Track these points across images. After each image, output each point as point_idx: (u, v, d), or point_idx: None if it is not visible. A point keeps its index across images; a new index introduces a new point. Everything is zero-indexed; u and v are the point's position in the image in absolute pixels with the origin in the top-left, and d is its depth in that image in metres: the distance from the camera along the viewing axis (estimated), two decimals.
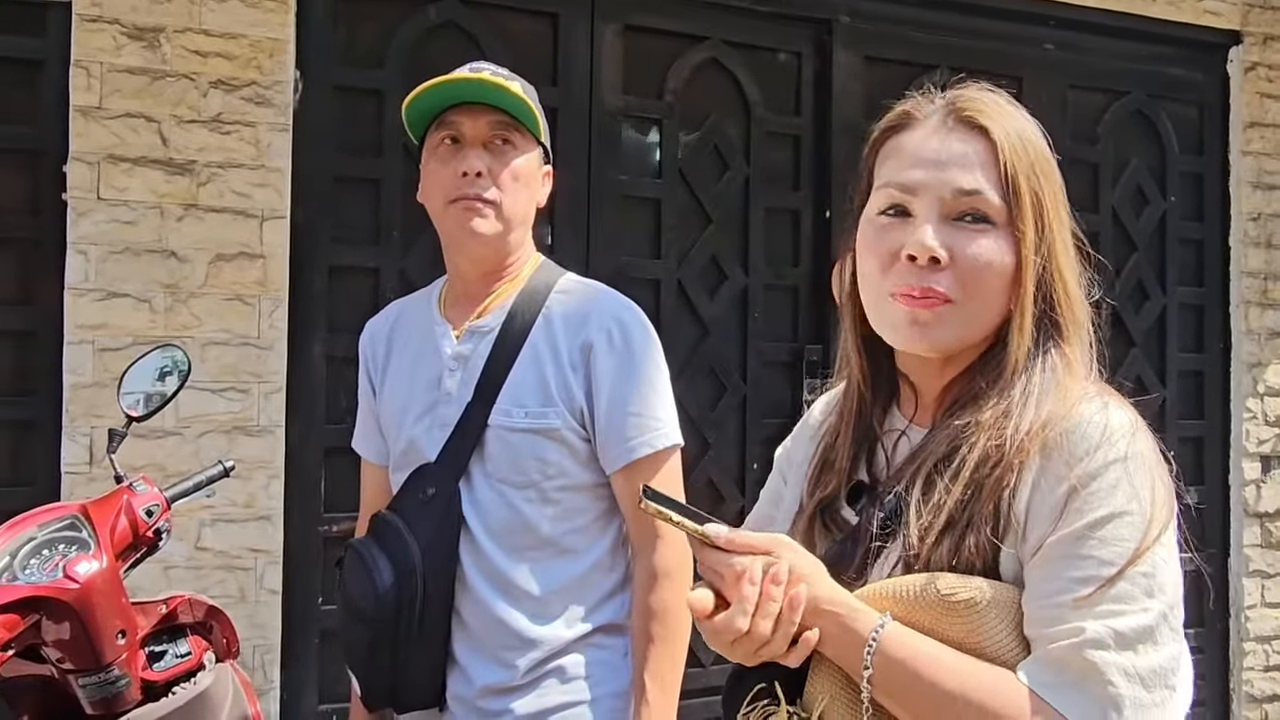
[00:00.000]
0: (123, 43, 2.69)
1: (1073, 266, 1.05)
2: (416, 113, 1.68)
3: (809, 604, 0.96)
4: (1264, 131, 3.99)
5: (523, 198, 1.67)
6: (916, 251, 1.02)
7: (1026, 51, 3.75)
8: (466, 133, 1.64)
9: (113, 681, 1.43)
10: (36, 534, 1.45)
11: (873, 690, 0.95)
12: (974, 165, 1.03)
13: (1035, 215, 1.02)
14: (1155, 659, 0.92)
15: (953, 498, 0.99)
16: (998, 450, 0.98)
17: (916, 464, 1.04)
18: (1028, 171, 1.03)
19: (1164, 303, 3.93)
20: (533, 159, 1.68)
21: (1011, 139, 1.03)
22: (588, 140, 3.21)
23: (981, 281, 1.01)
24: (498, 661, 1.62)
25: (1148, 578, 0.93)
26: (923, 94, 1.10)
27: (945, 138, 1.05)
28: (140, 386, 1.71)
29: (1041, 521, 0.96)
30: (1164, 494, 0.97)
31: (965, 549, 0.98)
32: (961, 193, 1.02)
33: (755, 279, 3.42)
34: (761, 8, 3.41)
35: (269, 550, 2.77)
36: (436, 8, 3.06)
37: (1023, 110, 1.08)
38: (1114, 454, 0.96)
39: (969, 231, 1.02)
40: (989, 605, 0.95)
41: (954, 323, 1.03)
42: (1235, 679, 3.92)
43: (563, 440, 1.62)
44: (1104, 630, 0.91)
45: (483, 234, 1.64)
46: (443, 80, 1.64)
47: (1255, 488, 3.94)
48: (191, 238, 2.73)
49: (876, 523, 1.05)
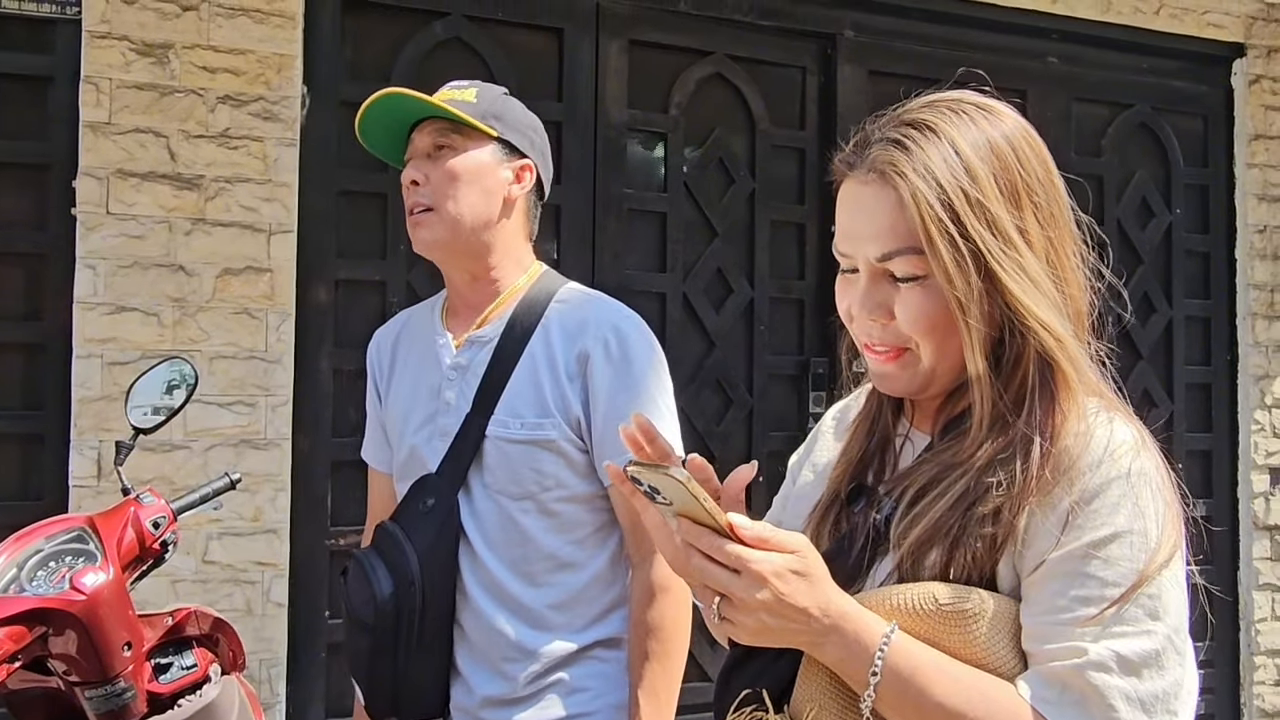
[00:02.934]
0: (132, 59, 2.71)
1: (1038, 278, 0.99)
2: (388, 141, 1.71)
3: (819, 609, 0.93)
4: (1269, 144, 3.99)
5: (469, 196, 1.65)
6: (856, 317, 1.04)
7: (1030, 65, 3.76)
8: (416, 148, 1.68)
9: (119, 694, 1.43)
10: (44, 546, 1.46)
11: (875, 700, 0.93)
12: (884, 228, 0.99)
13: (954, 253, 0.96)
14: (1158, 684, 0.91)
15: (940, 512, 0.98)
16: (1002, 485, 0.96)
17: (910, 478, 1.04)
18: (947, 205, 0.96)
19: (1170, 315, 3.93)
20: (479, 155, 1.66)
21: (928, 177, 0.97)
22: (593, 155, 3.22)
23: (925, 330, 1.00)
24: (498, 673, 1.62)
25: (1152, 599, 0.92)
26: (869, 122, 1.06)
27: (860, 196, 1.02)
28: (148, 399, 1.72)
29: (1042, 536, 0.95)
30: (1169, 514, 0.95)
31: (959, 561, 0.96)
32: (878, 260, 1.01)
33: (761, 292, 3.42)
34: (765, 23, 3.42)
35: (275, 563, 2.78)
36: (442, 24, 3.08)
37: (979, 116, 1.02)
38: (1117, 470, 0.94)
39: (900, 288, 1.01)
40: (987, 617, 0.95)
41: (917, 368, 1.03)
42: (1246, 693, 3.89)
43: (560, 452, 1.61)
44: (1107, 653, 0.90)
45: (426, 240, 1.66)
46: (376, 97, 1.65)
47: (1264, 500, 3.93)
48: (199, 252, 2.75)
49: (871, 528, 1.04)
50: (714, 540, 0.91)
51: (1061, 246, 1.02)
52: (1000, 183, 0.99)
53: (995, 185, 0.99)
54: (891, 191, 0.99)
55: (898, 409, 1.14)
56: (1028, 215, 1.00)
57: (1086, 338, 1.04)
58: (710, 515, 0.91)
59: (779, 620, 0.91)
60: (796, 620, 0.91)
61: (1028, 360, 0.99)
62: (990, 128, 1.01)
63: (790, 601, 0.90)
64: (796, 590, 0.91)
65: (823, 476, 1.18)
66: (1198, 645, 0.95)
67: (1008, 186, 0.99)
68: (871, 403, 1.16)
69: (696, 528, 0.92)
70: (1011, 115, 1.04)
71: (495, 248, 1.69)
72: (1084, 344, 1.03)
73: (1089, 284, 1.06)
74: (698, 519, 0.92)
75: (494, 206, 1.67)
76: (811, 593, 0.92)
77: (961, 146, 0.99)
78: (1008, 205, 0.99)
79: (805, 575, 0.92)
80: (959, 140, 0.99)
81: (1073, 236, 1.04)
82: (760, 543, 0.91)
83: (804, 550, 0.93)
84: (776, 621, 0.91)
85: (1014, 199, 0.99)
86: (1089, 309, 1.05)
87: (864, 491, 1.10)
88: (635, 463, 0.93)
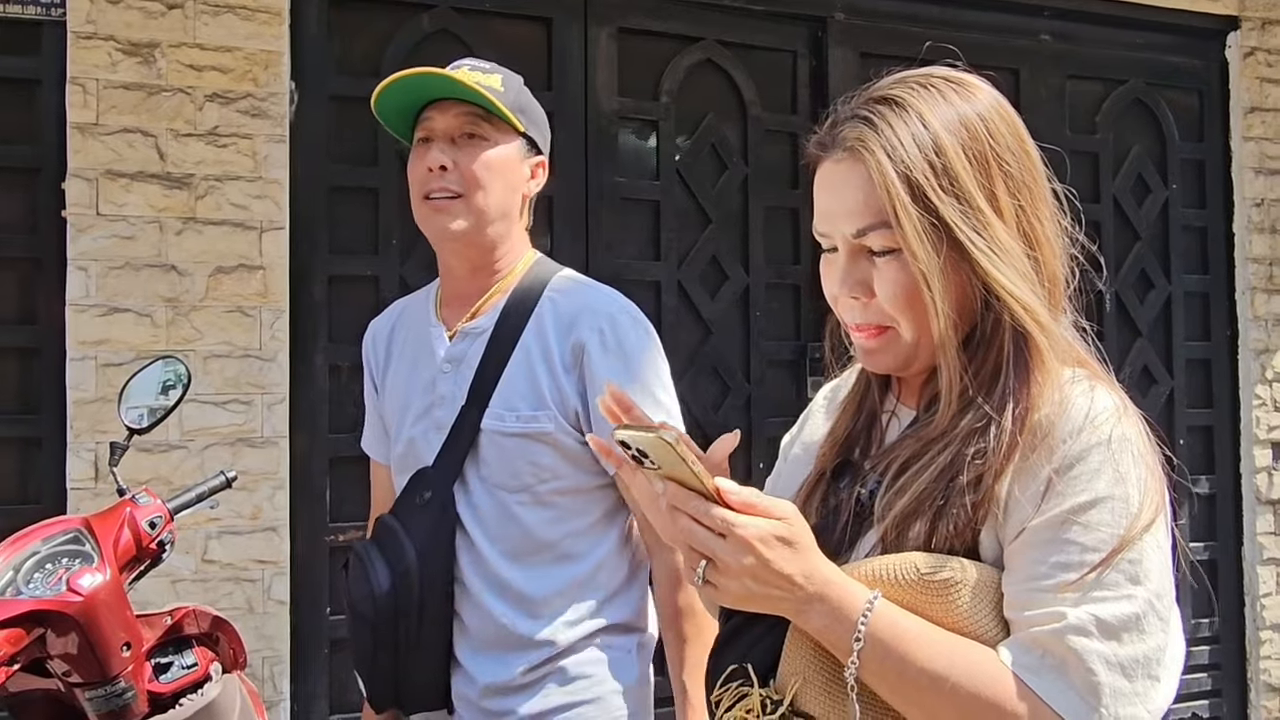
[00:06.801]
0: (118, 59, 2.70)
1: (1009, 247, 0.99)
2: (397, 114, 1.68)
3: (803, 576, 0.93)
4: (1265, 116, 3.97)
5: (497, 189, 1.63)
6: (838, 296, 1.05)
7: (1023, 43, 3.74)
8: (436, 128, 1.64)
9: (119, 694, 1.43)
10: (40, 548, 1.46)
11: (859, 667, 0.93)
12: (857, 203, 1.00)
13: (920, 225, 0.97)
14: (1139, 648, 0.91)
15: (924, 485, 0.98)
16: (981, 454, 0.97)
17: (894, 453, 1.04)
18: (913, 178, 0.97)
19: (1169, 291, 3.92)
20: (508, 150, 1.65)
21: (896, 153, 0.98)
22: (584, 144, 3.21)
23: (904, 305, 1.01)
24: (499, 662, 1.61)
25: (1133, 564, 0.92)
26: (841, 102, 1.08)
27: (832, 175, 1.04)
28: (142, 400, 1.71)
29: (1023, 504, 0.95)
30: (1152, 480, 0.95)
31: (941, 532, 0.97)
32: (854, 236, 1.02)
33: (756, 278, 3.41)
34: (755, 7, 3.40)
35: (276, 561, 2.77)
36: (430, 15, 3.06)
37: (948, 89, 1.03)
38: (1097, 437, 0.94)
39: (877, 263, 1.01)
40: (969, 585, 0.95)
41: (899, 344, 1.04)
42: (1253, 668, 3.89)
43: (556, 444, 1.60)
44: (1086, 617, 0.90)
45: (452, 230, 1.62)
46: (404, 75, 1.61)
47: (1267, 475, 3.92)
48: (191, 251, 2.74)
49: (854, 502, 1.05)
50: (701, 504, 0.91)
51: (1035, 214, 1.02)
52: (969, 154, 1.00)
53: (964, 156, 0.99)
54: (861, 167, 1.00)
55: (885, 386, 1.14)
56: (998, 184, 1.00)
57: (1063, 305, 1.05)
58: (698, 478, 0.90)
59: (763, 586, 0.91)
60: (781, 586, 0.92)
61: (1003, 331, 1.00)
62: (960, 100, 1.02)
63: (775, 567, 0.91)
64: (781, 556, 0.91)
65: (811, 454, 1.18)
66: (1202, 621, 0.94)
67: (977, 157, 1.00)
68: (861, 381, 1.16)
69: (683, 491, 0.92)
70: (982, 87, 1.05)
71: (505, 242, 1.68)
72: (1060, 311, 1.04)
73: (1066, 251, 1.06)
74: (685, 483, 0.92)
75: (515, 202, 1.67)
76: (796, 560, 0.92)
77: (929, 120, 1.00)
78: (977, 175, 1.00)
79: (791, 542, 0.92)
80: (927, 114, 1.00)
81: (1048, 204, 1.04)
82: (747, 508, 0.92)
83: (791, 517, 0.93)
84: (761, 587, 0.91)
85: (983, 168, 1.00)
86: (1067, 276, 1.05)
87: (850, 467, 1.10)
88: (624, 426, 0.92)
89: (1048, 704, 0.90)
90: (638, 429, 0.91)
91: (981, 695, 0.91)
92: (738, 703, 1.00)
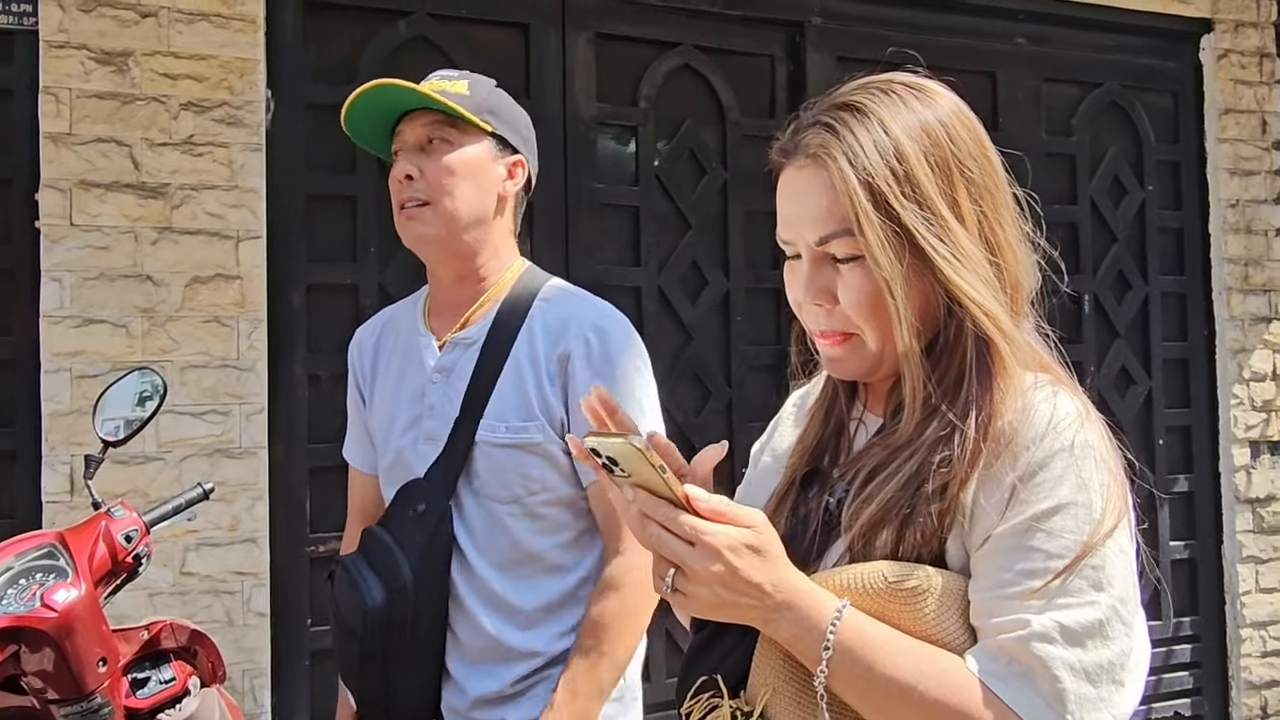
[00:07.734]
0: (91, 68, 2.67)
1: (970, 253, 0.99)
2: (374, 131, 1.67)
3: (772, 584, 0.93)
4: (1239, 118, 4.01)
5: (465, 191, 1.62)
6: (802, 302, 1.05)
7: (998, 46, 3.76)
8: (407, 140, 1.64)
9: (96, 710, 1.42)
10: (13, 564, 1.44)
11: (828, 676, 0.92)
12: (820, 210, 1.00)
13: (881, 232, 0.97)
14: (1103, 654, 0.91)
15: (890, 493, 0.98)
16: (946, 462, 0.97)
17: (861, 461, 1.04)
18: (874, 185, 0.97)
19: (1146, 292, 3.94)
20: (474, 151, 1.64)
21: (858, 160, 0.98)
22: (563, 150, 3.20)
23: (867, 313, 1.01)
24: (490, 674, 1.61)
25: (1096, 570, 0.92)
26: (804, 109, 1.07)
27: (795, 181, 1.04)
28: (118, 412, 1.70)
29: (988, 512, 0.95)
30: (1114, 485, 0.95)
31: (908, 540, 0.97)
32: (817, 243, 1.02)
33: (736, 283, 3.41)
34: (733, 12, 3.41)
35: (255, 573, 2.75)
36: (406, 22, 3.05)
37: (909, 95, 1.02)
38: (1060, 444, 0.94)
39: (841, 270, 1.01)
40: (935, 593, 0.95)
41: (863, 351, 1.04)
42: (1234, 665, 3.91)
43: (545, 454, 1.60)
44: (1050, 624, 0.90)
45: (424, 235, 1.62)
46: (366, 89, 1.61)
47: (1245, 474, 3.95)
48: (167, 261, 2.71)
49: (823, 511, 1.05)
50: (669, 511, 0.91)
51: (997, 219, 1.03)
52: (931, 160, 1.00)
53: (925, 163, 0.99)
54: (824, 174, 1.00)
55: (852, 393, 1.14)
56: (960, 190, 1.00)
57: (1026, 310, 1.05)
58: (668, 485, 0.90)
59: (732, 594, 0.91)
60: (749, 595, 0.91)
61: (965, 338, 1.00)
62: (921, 106, 1.02)
63: (744, 575, 0.90)
64: (750, 565, 0.91)
65: (781, 461, 1.18)
66: (1183, 620, 0.95)
67: (939, 163, 1.00)
68: (828, 388, 1.16)
69: (652, 498, 0.91)
70: (943, 93, 1.05)
71: (486, 246, 1.67)
72: (1022, 317, 1.04)
73: (1029, 257, 1.05)
74: (655, 490, 0.91)
75: (489, 204, 1.66)
76: (765, 568, 0.92)
77: (891, 126, 1.00)
78: (939, 181, 0.99)
79: (760, 550, 0.92)
80: (888, 120, 1.00)
81: (1009, 210, 1.04)
82: (716, 516, 0.91)
83: (760, 526, 0.93)
84: (729, 595, 0.91)
85: (945, 175, 1.00)
86: (1030, 281, 1.05)
87: (819, 475, 1.10)
88: (593, 433, 0.92)
89: (1014, 711, 0.90)
90: (607, 435, 0.90)
91: (949, 703, 0.91)
92: (709, 714, 1.00)
